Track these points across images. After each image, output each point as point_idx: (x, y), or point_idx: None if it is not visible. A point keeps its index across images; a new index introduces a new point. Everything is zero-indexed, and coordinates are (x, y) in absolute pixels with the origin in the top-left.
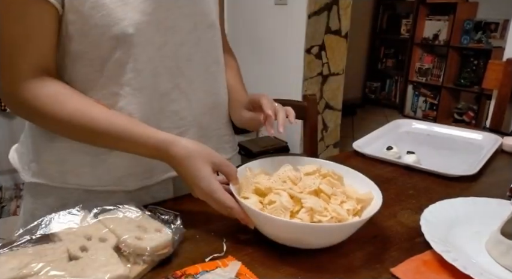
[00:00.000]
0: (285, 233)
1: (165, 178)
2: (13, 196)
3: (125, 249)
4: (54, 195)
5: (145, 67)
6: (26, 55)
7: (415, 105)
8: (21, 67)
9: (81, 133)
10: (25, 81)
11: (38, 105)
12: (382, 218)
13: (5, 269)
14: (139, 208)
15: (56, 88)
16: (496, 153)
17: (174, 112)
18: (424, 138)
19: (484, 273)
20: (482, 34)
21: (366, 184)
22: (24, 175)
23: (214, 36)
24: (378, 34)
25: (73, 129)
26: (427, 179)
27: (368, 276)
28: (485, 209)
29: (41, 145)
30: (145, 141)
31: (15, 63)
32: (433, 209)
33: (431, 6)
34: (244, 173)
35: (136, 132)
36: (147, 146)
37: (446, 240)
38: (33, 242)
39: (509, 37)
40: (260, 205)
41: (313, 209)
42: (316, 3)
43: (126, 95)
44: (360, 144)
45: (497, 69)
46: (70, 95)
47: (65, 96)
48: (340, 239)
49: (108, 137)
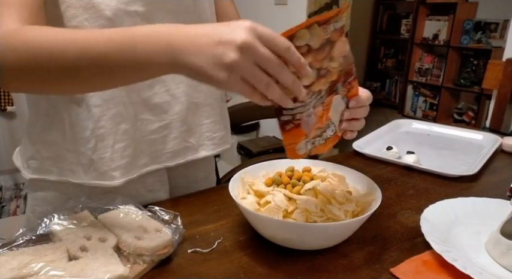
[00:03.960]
0: (279, 233)
1: (154, 169)
2: (13, 196)
3: (125, 249)
4: (54, 191)
5: None
6: (10, 6)
7: (415, 105)
8: (4, 15)
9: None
10: (10, 24)
11: (24, 39)
12: (382, 218)
13: (5, 269)
14: (139, 208)
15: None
16: (496, 153)
17: (156, 105)
18: (424, 138)
19: (484, 273)
20: (482, 34)
21: (366, 183)
22: (25, 173)
23: None
24: (377, 34)
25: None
26: (427, 179)
27: (368, 276)
28: (485, 209)
29: (39, 140)
30: (147, 35)
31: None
32: (433, 209)
33: (431, 6)
34: (242, 177)
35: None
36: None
37: (446, 240)
38: (33, 242)
39: (509, 37)
40: (257, 206)
41: (308, 210)
42: (316, 3)
43: None
44: (360, 144)
45: (497, 69)
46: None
47: (50, 28)
48: (336, 240)
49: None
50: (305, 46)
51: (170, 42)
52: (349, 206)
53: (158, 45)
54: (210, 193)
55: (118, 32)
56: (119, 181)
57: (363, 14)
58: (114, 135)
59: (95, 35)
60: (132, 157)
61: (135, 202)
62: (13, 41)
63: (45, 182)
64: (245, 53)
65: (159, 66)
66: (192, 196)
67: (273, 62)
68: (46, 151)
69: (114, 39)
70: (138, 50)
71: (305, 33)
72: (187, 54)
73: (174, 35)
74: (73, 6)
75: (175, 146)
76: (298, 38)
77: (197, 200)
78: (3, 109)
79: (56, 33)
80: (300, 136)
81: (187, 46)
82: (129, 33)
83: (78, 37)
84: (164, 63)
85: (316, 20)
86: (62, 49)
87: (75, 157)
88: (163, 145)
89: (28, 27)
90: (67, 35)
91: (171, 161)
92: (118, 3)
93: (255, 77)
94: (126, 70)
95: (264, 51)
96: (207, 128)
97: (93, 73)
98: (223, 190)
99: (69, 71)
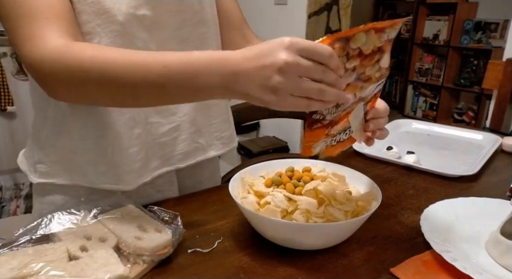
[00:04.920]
0: (279, 233)
1: (165, 171)
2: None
3: (125, 249)
4: (61, 193)
5: None
6: (49, 21)
7: (415, 105)
8: (45, 31)
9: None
10: (57, 40)
11: (74, 56)
12: (382, 218)
13: (5, 269)
14: (139, 208)
15: (88, 44)
16: (496, 153)
17: (165, 108)
18: (424, 138)
19: (484, 273)
20: (482, 34)
21: (366, 183)
22: (32, 177)
23: (206, 32)
24: None
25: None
26: (427, 179)
27: (368, 276)
28: (485, 209)
29: (48, 145)
30: (199, 57)
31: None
32: (433, 209)
33: (431, 6)
34: (242, 177)
35: (188, 54)
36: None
37: (446, 240)
38: (33, 242)
39: (509, 37)
40: (257, 206)
41: (309, 210)
42: (316, 3)
43: None
44: (360, 144)
45: (497, 69)
46: (104, 46)
47: (100, 46)
48: (336, 240)
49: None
50: (357, 49)
51: (223, 72)
52: (349, 206)
53: (213, 76)
54: (210, 193)
55: (173, 59)
56: (133, 185)
57: (363, 14)
58: (129, 139)
59: (150, 60)
60: (144, 161)
61: (136, 202)
62: (67, 59)
63: (53, 186)
64: (288, 72)
65: (215, 94)
66: (192, 196)
67: (317, 70)
68: (55, 155)
69: (171, 68)
70: (195, 82)
71: (362, 37)
72: (237, 82)
73: (226, 65)
74: (85, 12)
75: (186, 147)
76: (355, 40)
77: (197, 200)
78: (3, 109)
79: (112, 56)
80: (321, 136)
81: (237, 74)
82: (186, 61)
83: (135, 61)
84: (220, 92)
85: (374, 26)
86: (119, 73)
87: (87, 162)
88: (174, 147)
89: (78, 44)
90: (123, 57)
91: (181, 162)
92: (128, 8)
93: (304, 90)
94: (181, 96)
95: (306, 65)
96: (216, 128)
97: (148, 97)
98: (223, 190)
99: (124, 93)
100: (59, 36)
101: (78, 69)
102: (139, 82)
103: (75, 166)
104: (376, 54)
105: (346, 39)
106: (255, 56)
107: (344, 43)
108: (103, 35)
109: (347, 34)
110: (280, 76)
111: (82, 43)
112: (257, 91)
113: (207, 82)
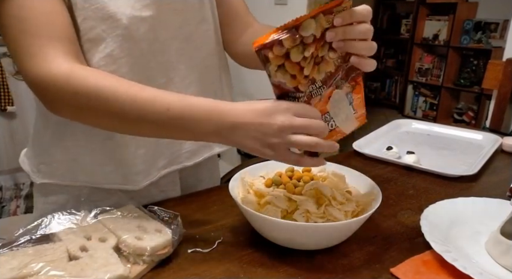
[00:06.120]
0: (279, 233)
1: (173, 170)
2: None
3: (125, 249)
4: (64, 193)
5: (138, 62)
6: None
7: (415, 105)
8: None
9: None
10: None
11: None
12: (382, 218)
13: (5, 269)
14: (139, 208)
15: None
16: (496, 153)
17: None
18: (424, 138)
19: (484, 273)
20: (482, 34)
21: (366, 183)
22: (34, 178)
23: (208, 30)
24: (378, 34)
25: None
26: (427, 179)
27: (368, 276)
28: (485, 209)
29: (51, 145)
30: (198, 105)
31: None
32: (433, 209)
33: (431, 6)
34: (242, 177)
35: (189, 99)
36: (202, 109)
37: (446, 240)
38: (33, 242)
39: (509, 37)
40: (257, 206)
41: (309, 211)
42: (316, 3)
43: None
44: (360, 144)
45: (497, 69)
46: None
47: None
48: (336, 240)
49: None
50: (311, 36)
51: (222, 123)
52: (349, 206)
53: (212, 126)
54: (210, 193)
55: (175, 103)
56: (141, 185)
57: None
58: (137, 141)
59: (154, 100)
60: (152, 161)
61: (138, 202)
62: (72, 85)
63: (57, 186)
64: (284, 131)
65: (211, 139)
66: (192, 196)
67: (311, 128)
68: (58, 155)
69: (174, 112)
70: (194, 127)
71: (311, 23)
72: (234, 134)
73: (226, 116)
74: (90, 18)
75: (192, 145)
76: (304, 27)
77: (197, 200)
78: (3, 109)
79: (118, 89)
80: None
81: (235, 127)
82: (188, 108)
83: (139, 98)
84: (217, 139)
85: (321, 9)
86: (125, 108)
87: (92, 162)
88: (181, 145)
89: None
90: (127, 92)
91: (188, 161)
92: (132, 11)
93: (301, 145)
94: (179, 135)
95: (300, 124)
96: None
97: (148, 131)
98: (223, 190)
99: (125, 124)
100: (64, 58)
101: (84, 97)
102: (142, 119)
103: (80, 166)
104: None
105: (295, 28)
106: (254, 113)
107: (293, 33)
108: (109, 40)
109: (295, 23)
110: (278, 136)
111: (86, 69)
112: (253, 144)
113: (206, 129)
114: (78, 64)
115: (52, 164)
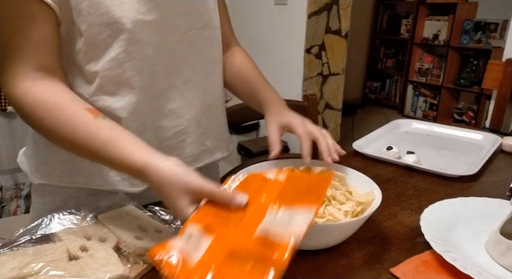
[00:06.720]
0: None
1: None
2: (13, 196)
3: (125, 249)
4: (62, 194)
5: (143, 66)
6: (22, 55)
7: (415, 105)
8: (18, 67)
9: (62, 143)
10: (22, 82)
11: (29, 111)
12: (382, 218)
13: (5, 269)
14: (139, 208)
15: (47, 93)
16: (496, 153)
17: (171, 111)
18: (424, 138)
19: (484, 273)
20: (482, 34)
21: (366, 183)
22: (33, 178)
23: (211, 35)
24: (378, 34)
25: (55, 140)
26: (427, 179)
27: (368, 276)
28: (485, 209)
29: (49, 146)
30: (120, 162)
31: (13, 62)
32: (433, 209)
33: (431, 6)
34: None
35: (113, 151)
36: (123, 167)
37: (446, 240)
38: (33, 242)
39: (508, 37)
40: None
41: None
42: (316, 3)
43: (124, 94)
44: (360, 144)
45: (497, 69)
46: (56, 103)
47: (51, 104)
48: (336, 240)
49: (86, 152)
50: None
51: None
52: (349, 206)
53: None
54: None
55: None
56: (140, 188)
57: (363, 14)
58: None
59: (88, 141)
60: None
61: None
62: (23, 109)
63: (55, 187)
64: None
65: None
66: None
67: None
68: (57, 157)
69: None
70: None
71: None
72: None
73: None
74: (96, 24)
75: (193, 150)
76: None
77: None
78: (4, 109)
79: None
80: None
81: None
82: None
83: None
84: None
85: None
86: (63, 141)
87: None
88: (182, 150)
89: (35, 95)
90: (64, 131)
91: (190, 166)
92: (137, 14)
93: None
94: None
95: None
96: (220, 130)
97: (89, 157)
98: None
99: (71, 149)
100: (27, 77)
101: (32, 120)
102: (81, 152)
103: (79, 168)
104: None
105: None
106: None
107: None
108: (114, 45)
109: None
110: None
111: (39, 92)
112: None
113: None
114: (38, 85)
115: (50, 165)
